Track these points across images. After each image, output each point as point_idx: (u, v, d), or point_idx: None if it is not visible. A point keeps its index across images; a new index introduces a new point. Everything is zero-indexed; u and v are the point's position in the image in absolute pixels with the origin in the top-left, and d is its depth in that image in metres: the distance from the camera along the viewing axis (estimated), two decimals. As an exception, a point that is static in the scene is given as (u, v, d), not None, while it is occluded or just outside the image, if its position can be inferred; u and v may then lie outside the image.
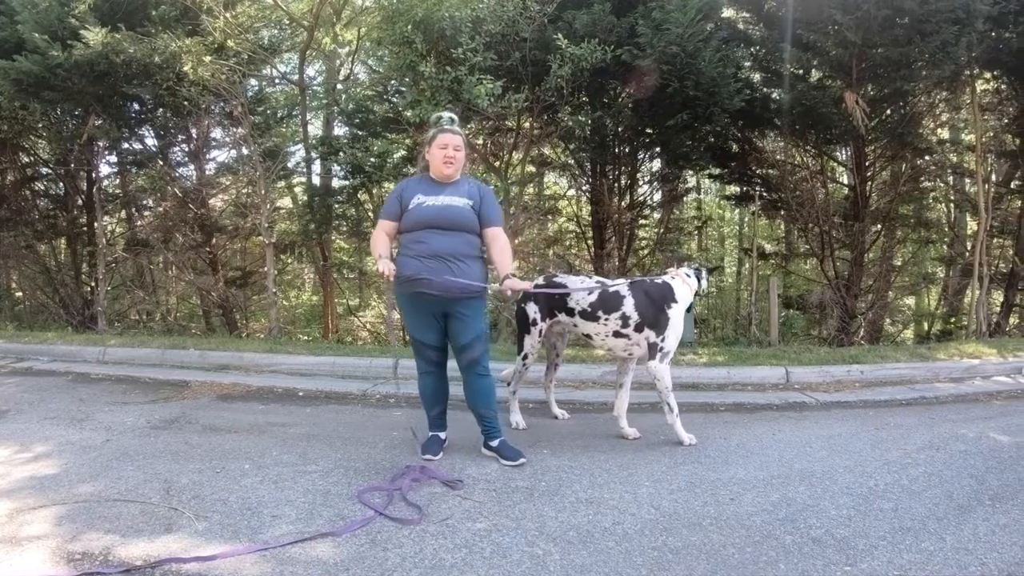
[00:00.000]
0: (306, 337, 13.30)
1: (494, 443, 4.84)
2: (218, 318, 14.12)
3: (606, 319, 5.18)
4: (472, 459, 4.71)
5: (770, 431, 5.03)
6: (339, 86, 13.85)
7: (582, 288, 5.23)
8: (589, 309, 5.23)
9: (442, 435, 5.01)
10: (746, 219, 19.04)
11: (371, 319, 16.09)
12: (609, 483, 4.30)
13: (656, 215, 14.68)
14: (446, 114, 4.89)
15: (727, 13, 12.06)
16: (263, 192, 11.06)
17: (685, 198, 17.44)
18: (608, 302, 5.19)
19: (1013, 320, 14.27)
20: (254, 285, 14.55)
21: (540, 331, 5.43)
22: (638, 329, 5.14)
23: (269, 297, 11.31)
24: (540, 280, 5.52)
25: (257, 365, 8.00)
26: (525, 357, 5.51)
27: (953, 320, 14.44)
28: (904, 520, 3.76)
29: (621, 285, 5.29)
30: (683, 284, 5.26)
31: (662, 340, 5.08)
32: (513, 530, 3.59)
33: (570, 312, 5.34)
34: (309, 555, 3.25)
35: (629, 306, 5.15)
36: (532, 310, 5.41)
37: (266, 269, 11.61)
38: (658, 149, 12.11)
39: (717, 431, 5.56)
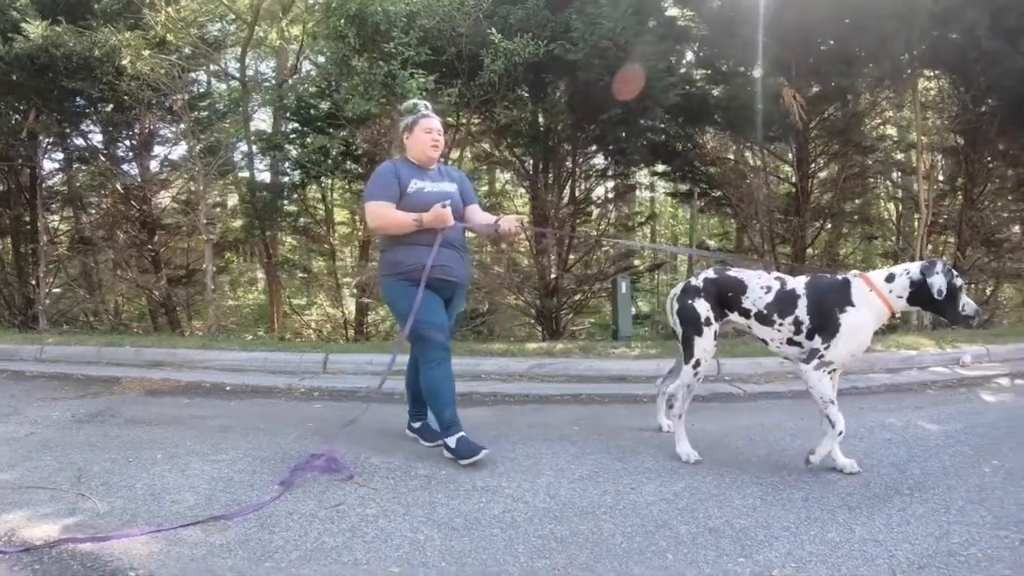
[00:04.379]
0: (251, 336, 13.23)
1: (417, 424, 4.93)
2: (163, 317, 14.00)
3: (780, 324, 4.45)
4: (378, 447, 4.68)
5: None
6: (289, 81, 13.75)
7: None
8: (765, 311, 4.50)
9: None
10: (694, 216, 19.24)
11: (317, 318, 15.98)
12: (510, 472, 4.28)
13: (604, 212, 14.66)
14: (421, 101, 4.88)
15: (672, 12, 12.16)
16: (202, 189, 10.98)
17: (636, 195, 17.58)
18: (783, 304, 4.45)
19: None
20: (198, 283, 14.41)
21: (715, 332, 4.63)
22: (809, 336, 4.38)
23: (208, 295, 11.23)
24: (711, 272, 4.76)
25: (190, 361, 7.94)
26: (697, 365, 4.63)
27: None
28: (813, 510, 3.72)
29: (798, 283, 4.51)
30: (868, 288, 4.31)
31: (826, 348, 4.29)
32: (402, 516, 3.60)
33: (746, 313, 4.58)
34: (198, 537, 3.30)
35: (802, 308, 4.40)
36: (703, 308, 4.61)
37: (205, 266, 11.52)
38: (595, 147, 12.14)
39: (635, 422, 5.51)
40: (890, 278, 4.30)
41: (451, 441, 4.42)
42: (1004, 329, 12.02)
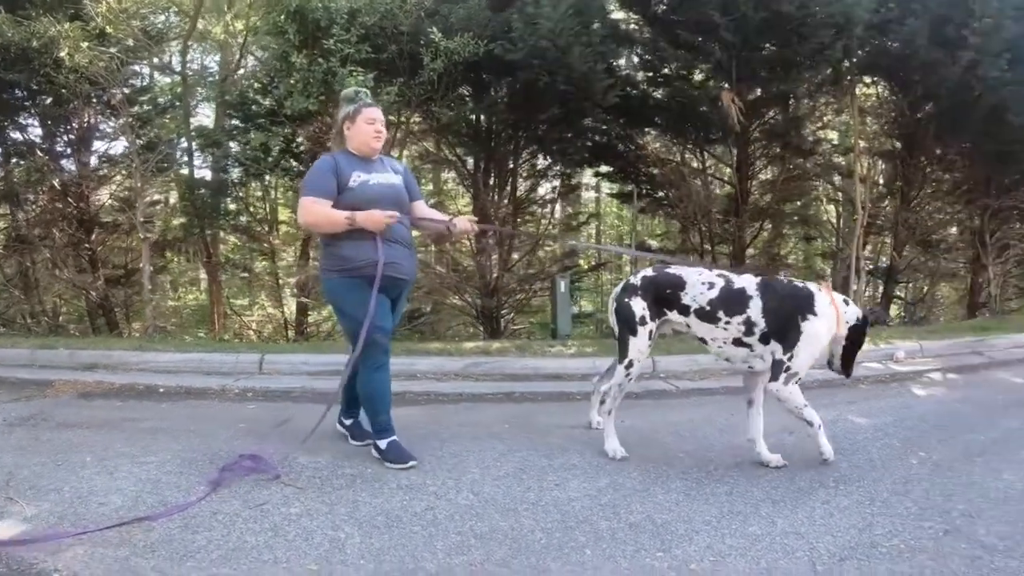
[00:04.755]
0: (190, 338, 13.04)
1: (349, 421, 4.93)
2: (102, 319, 13.73)
3: (727, 322, 4.38)
4: (307, 447, 4.58)
5: (621, 418, 4.98)
6: (235, 76, 13.58)
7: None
8: (708, 307, 4.42)
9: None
10: (638, 217, 19.42)
11: (258, 318, 15.83)
12: (436, 470, 4.28)
13: (546, 212, 14.74)
14: (362, 89, 4.71)
15: (618, 15, 12.27)
16: (140, 186, 10.82)
17: (582, 195, 17.66)
18: (731, 301, 4.38)
19: (894, 310, 14.92)
20: (136, 284, 14.13)
21: (650, 332, 4.55)
22: (764, 340, 4.35)
23: (145, 295, 11.06)
24: (649, 271, 4.69)
25: (125, 363, 7.80)
26: (630, 365, 4.58)
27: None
28: (736, 504, 3.76)
29: (748, 282, 4.46)
30: (829, 300, 4.37)
31: (790, 358, 4.28)
32: (324, 515, 3.60)
33: (685, 310, 4.50)
34: (123, 538, 3.28)
35: (756, 310, 4.34)
36: (639, 306, 4.53)
37: (142, 266, 11.33)
38: (535, 146, 12.18)
39: (566, 419, 5.51)
40: (846, 302, 4.46)
41: (382, 443, 4.40)
42: (939, 326, 12.37)
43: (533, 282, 12.70)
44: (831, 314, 4.32)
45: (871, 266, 14.77)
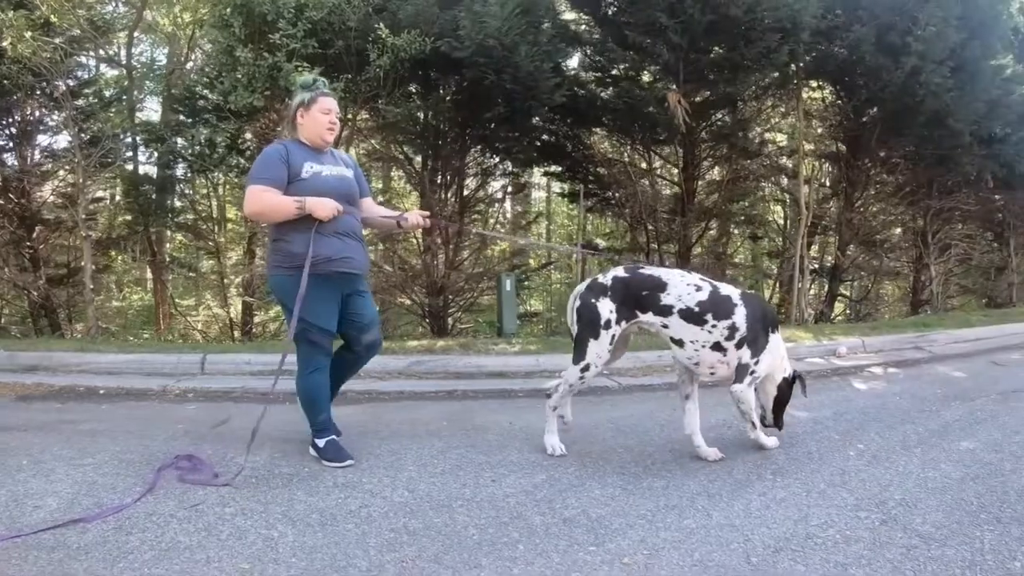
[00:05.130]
0: (133, 339, 12.85)
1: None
2: (45, 319, 13.47)
3: (713, 325, 4.32)
4: (242, 447, 4.45)
5: (560, 414, 5.01)
6: (185, 69, 13.42)
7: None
8: (696, 309, 4.32)
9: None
10: (587, 216, 19.54)
11: (204, 318, 15.64)
12: (373, 468, 4.24)
13: (494, 211, 14.74)
14: (320, 77, 4.54)
15: (569, 15, 12.38)
16: (82, 182, 10.64)
17: (532, 194, 17.69)
18: (720, 306, 4.34)
19: (839, 308, 15.21)
20: (79, 283, 13.88)
21: (612, 337, 4.37)
22: (739, 345, 4.36)
23: (87, 295, 10.88)
24: (621, 271, 4.51)
25: (66, 365, 7.66)
26: (586, 369, 4.41)
27: (783, 310, 15.20)
28: (672, 498, 3.75)
29: (732, 291, 4.47)
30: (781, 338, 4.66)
31: (756, 363, 4.38)
32: (259, 514, 3.57)
33: (665, 311, 4.35)
34: (58, 540, 3.24)
35: (741, 317, 4.34)
36: (606, 308, 4.34)
37: (83, 264, 11.14)
38: (482, 145, 12.17)
39: (505, 417, 5.49)
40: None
41: (320, 442, 4.35)
42: (882, 322, 12.58)
43: (480, 280, 12.69)
44: (782, 342, 4.60)
45: (816, 265, 15.03)
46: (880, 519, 3.48)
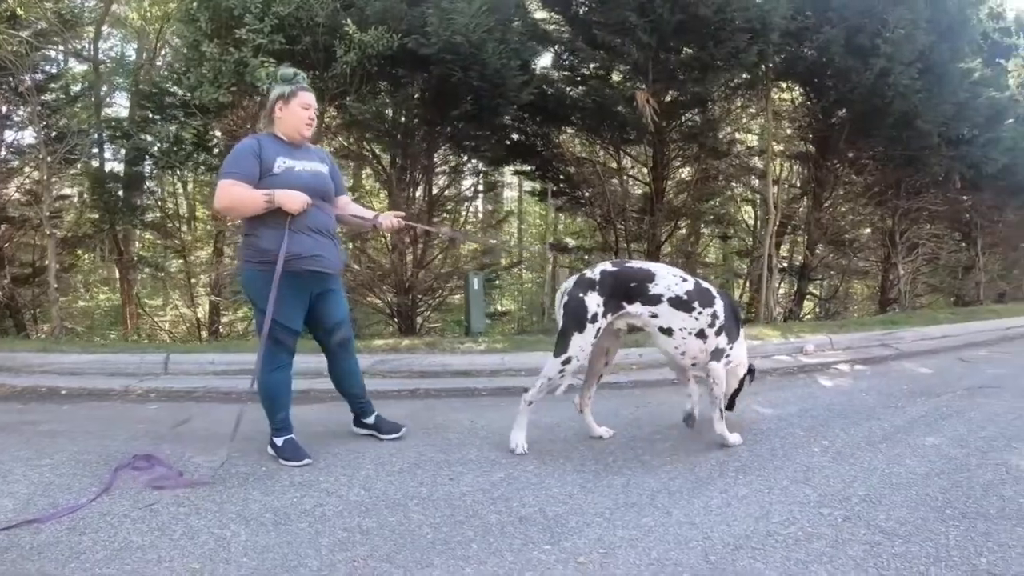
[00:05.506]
0: (99, 339, 12.72)
1: (370, 419, 4.78)
2: (10, 319, 13.28)
3: (699, 312, 4.41)
4: (201, 447, 4.52)
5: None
6: (153, 64, 13.28)
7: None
8: (685, 297, 4.38)
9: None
10: (557, 215, 19.57)
11: (172, 318, 15.50)
12: (331, 467, 4.21)
13: (462, 209, 14.67)
14: (301, 72, 4.44)
15: (540, 14, 12.38)
16: (46, 179, 10.50)
17: (504, 193, 17.68)
18: (704, 296, 4.45)
19: (808, 306, 15.33)
20: (45, 282, 13.73)
21: (598, 330, 4.34)
22: (718, 333, 4.49)
23: (51, 295, 10.74)
24: (608, 265, 4.50)
25: (29, 366, 7.55)
26: (567, 362, 4.35)
27: (753, 309, 15.29)
28: (631, 495, 3.71)
29: (709, 285, 4.63)
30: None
31: (730, 348, 4.57)
32: (213, 513, 3.54)
33: (654, 300, 4.37)
34: (11, 541, 3.21)
35: (720, 307, 4.49)
36: (593, 302, 4.30)
37: (48, 263, 10.99)
38: (449, 144, 12.12)
39: (467, 415, 5.44)
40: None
41: (279, 440, 4.31)
42: (849, 320, 12.69)
43: (449, 280, 12.63)
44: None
45: (785, 264, 15.14)
46: (843, 516, 3.47)
